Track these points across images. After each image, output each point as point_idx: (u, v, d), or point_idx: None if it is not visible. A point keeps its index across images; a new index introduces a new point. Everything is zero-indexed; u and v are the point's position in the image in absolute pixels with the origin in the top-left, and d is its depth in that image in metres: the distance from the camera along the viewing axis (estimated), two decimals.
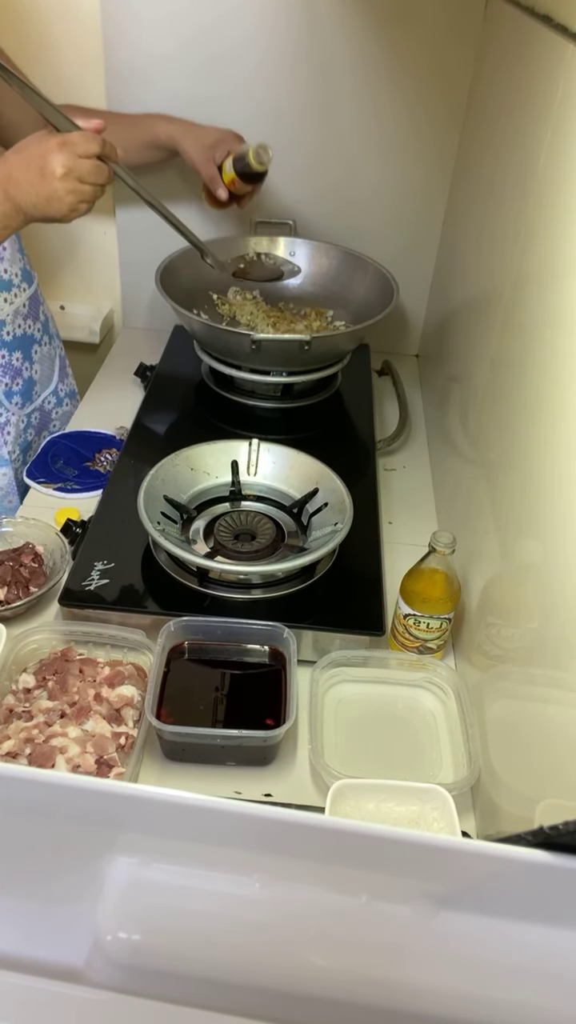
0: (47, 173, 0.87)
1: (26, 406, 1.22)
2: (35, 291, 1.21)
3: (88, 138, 0.88)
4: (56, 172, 0.86)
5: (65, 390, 1.34)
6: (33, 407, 1.24)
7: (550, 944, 0.44)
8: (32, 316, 1.20)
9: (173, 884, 0.46)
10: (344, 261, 1.38)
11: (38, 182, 0.87)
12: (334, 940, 0.45)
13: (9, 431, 1.19)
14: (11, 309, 1.14)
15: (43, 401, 1.27)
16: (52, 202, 0.88)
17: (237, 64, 1.27)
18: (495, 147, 1.02)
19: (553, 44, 0.79)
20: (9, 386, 1.17)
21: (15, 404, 1.19)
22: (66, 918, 0.46)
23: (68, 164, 0.87)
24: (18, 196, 0.89)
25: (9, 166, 0.88)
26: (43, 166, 0.87)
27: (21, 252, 1.17)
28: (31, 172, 0.87)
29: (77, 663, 0.87)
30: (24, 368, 1.19)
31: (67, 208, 0.89)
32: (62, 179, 0.87)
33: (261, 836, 0.44)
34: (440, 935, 0.44)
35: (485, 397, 0.94)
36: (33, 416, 1.25)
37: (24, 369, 1.19)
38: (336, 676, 0.91)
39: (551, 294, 0.73)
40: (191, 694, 0.85)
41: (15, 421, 1.19)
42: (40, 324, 1.22)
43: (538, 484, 0.72)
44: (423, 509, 1.18)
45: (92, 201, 0.91)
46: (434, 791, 0.76)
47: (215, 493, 1.07)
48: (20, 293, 1.15)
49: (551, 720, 0.67)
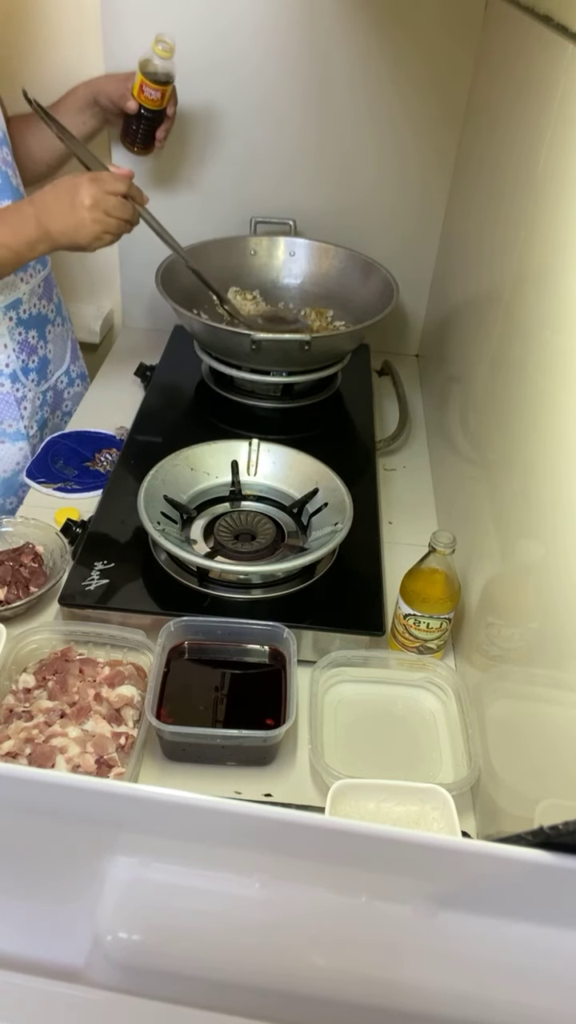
0: (77, 203, 0.97)
1: (41, 383, 1.26)
2: (49, 273, 1.25)
3: (117, 177, 1.00)
4: (85, 202, 0.97)
5: (77, 371, 1.38)
6: (47, 385, 1.28)
7: (550, 944, 0.44)
8: (46, 297, 1.24)
9: (173, 884, 0.46)
10: (344, 261, 1.38)
11: (68, 211, 0.97)
12: (334, 940, 0.45)
13: (26, 407, 1.23)
14: (27, 288, 1.18)
15: (56, 380, 1.31)
16: (79, 230, 0.98)
17: (237, 64, 1.27)
18: (495, 147, 1.02)
19: (553, 44, 0.79)
20: (26, 363, 1.21)
21: (32, 381, 1.23)
22: (66, 918, 0.46)
23: (96, 196, 0.97)
24: (49, 223, 0.98)
25: (44, 197, 0.99)
26: (74, 197, 0.97)
27: None
28: (62, 202, 0.97)
29: (77, 663, 0.87)
30: (39, 347, 1.23)
31: (92, 236, 0.99)
32: (90, 209, 0.97)
33: (261, 836, 0.44)
34: (440, 935, 0.44)
35: (485, 397, 0.94)
36: (48, 394, 1.29)
37: (39, 348, 1.23)
38: (336, 676, 0.91)
39: (551, 294, 0.73)
40: (191, 694, 0.85)
41: (31, 397, 1.24)
42: (54, 305, 1.27)
43: (538, 484, 0.72)
44: (423, 509, 1.18)
45: (117, 234, 1.01)
46: (434, 791, 0.76)
47: (215, 493, 1.07)
48: (35, 273, 1.19)
49: (551, 720, 0.67)
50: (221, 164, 1.37)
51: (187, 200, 1.41)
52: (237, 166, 1.37)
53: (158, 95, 1.15)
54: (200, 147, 1.36)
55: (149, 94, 1.15)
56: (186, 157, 1.37)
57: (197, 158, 1.37)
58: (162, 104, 1.17)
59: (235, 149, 1.36)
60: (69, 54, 1.29)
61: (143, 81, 1.13)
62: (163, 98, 1.16)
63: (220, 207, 1.41)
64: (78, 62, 1.29)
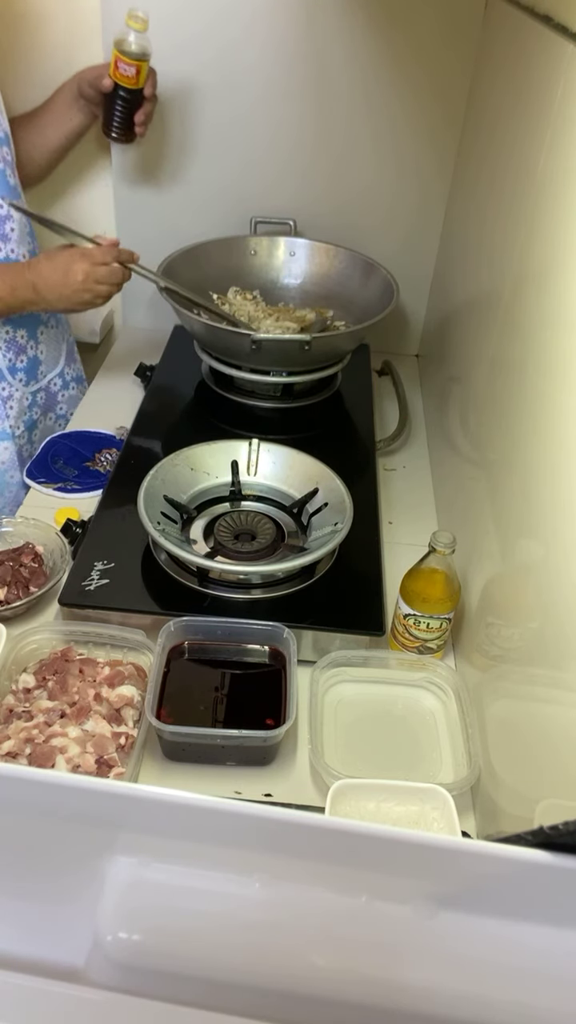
0: (69, 279, 1.08)
1: (31, 384, 1.26)
2: None
3: (105, 251, 1.10)
4: (78, 277, 1.08)
5: (72, 374, 1.38)
6: (39, 386, 1.28)
7: (550, 944, 0.44)
8: None
9: (173, 884, 0.46)
10: (344, 261, 1.38)
11: (61, 282, 1.09)
12: (334, 940, 0.45)
13: (12, 406, 1.23)
14: None
15: (49, 382, 1.31)
16: (72, 299, 1.10)
17: (237, 65, 1.27)
18: (495, 147, 1.02)
19: (553, 44, 0.79)
20: (13, 362, 1.21)
21: (19, 380, 1.23)
22: (66, 918, 0.46)
23: (87, 271, 1.08)
24: (44, 290, 1.09)
25: (40, 267, 1.09)
26: (67, 271, 1.08)
27: (31, 235, 1.22)
28: (57, 273, 1.08)
29: (77, 663, 0.87)
30: (29, 347, 1.24)
31: (82, 305, 1.11)
32: (82, 282, 1.08)
33: (261, 836, 0.44)
34: (440, 935, 0.44)
35: (485, 397, 0.94)
36: (39, 395, 1.29)
37: (29, 348, 1.24)
38: (336, 676, 0.91)
39: (551, 294, 0.73)
40: (191, 694, 0.85)
41: (19, 397, 1.24)
42: None
43: (538, 484, 0.72)
44: (423, 509, 1.18)
45: (107, 296, 1.12)
46: (434, 791, 0.76)
47: (215, 493, 1.07)
48: None
49: (551, 720, 0.67)
50: (221, 164, 1.37)
51: (187, 200, 1.40)
52: (237, 166, 1.37)
53: (134, 71, 1.12)
54: (200, 147, 1.36)
55: (124, 70, 1.12)
56: (186, 157, 1.37)
57: (197, 158, 1.37)
58: (139, 83, 1.14)
59: (235, 149, 1.36)
60: (69, 55, 1.28)
61: (118, 57, 1.11)
62: (139, 75, 1.13)
63: (220, 207, 1.41)
64: (79, 64, 1.29)
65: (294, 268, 1.41)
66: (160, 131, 1.34)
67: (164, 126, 1.33)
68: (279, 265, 1.41)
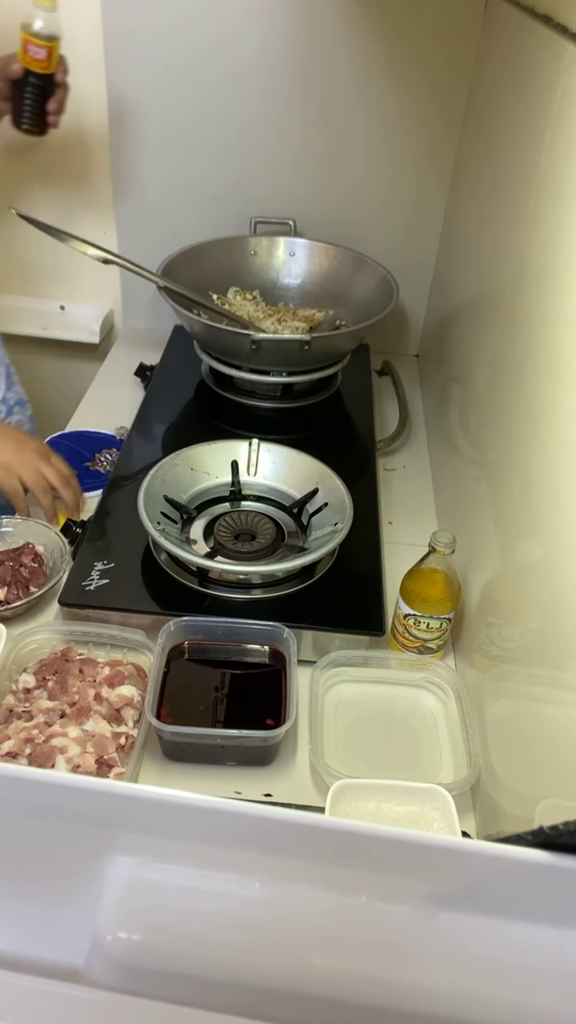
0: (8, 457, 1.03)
1: None
2: None
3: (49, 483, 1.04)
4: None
5: (13, 399, 1.32)
6: None
7: (550, 944, 0.44)
8: None
9: (173, 884, 0.45)
10: (344, 261, 1.38)
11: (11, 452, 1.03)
12: (334, 940, 0.45)
13: None
14: None
15: None
16: None
17: (237, 64, 1.27)
18: (495, 147, 1.02)
19: (553, 44, 0.79)
20: None
21: None
22: (66, 918, 0.46)
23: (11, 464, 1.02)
24: None
25: None
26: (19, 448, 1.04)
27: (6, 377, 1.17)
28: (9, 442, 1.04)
29: (77, 663, 0.87)
30: None
31: None
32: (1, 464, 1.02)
33: (261, 836, 0.44)
34: (440, 935, 0.44)
35: (485, 397, 0.94)
36: None
37: None
38: (336, 676, 0.91)
39: (551, 294, 0.73)
40: (191, 694, 0.85)
41: None
42: None
43: (538, 484, 0.72)
44: (423, 509, 1.18)
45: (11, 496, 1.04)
46: (434, 791, 0.76)
47: (215, 493, 1.07)
48: None
49: (551, 720, 0.67)
50: (221, 164, 1.37)
51: (187, 200, 1.40)
52: (237, 166, 1.37)
53: (44, 53, 1.04)
54: (200, 147, 1.36)
55: (34, 52, 1.04)
56: (186, 157, 1.37)
57: (197, 158, 1.37)
58: (50, 67, 1.06)
59: (236, 149, 1.36)
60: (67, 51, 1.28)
61: (27, 39, 1.03)
62: (50, 58, 1.05)
63: (220, 207, 1.41)
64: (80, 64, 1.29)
65: (294, 268, 1.41)
66: (160, 131, 1.34)
67: (164, 126, 1.33)
68: (279, 265, 1.41)
